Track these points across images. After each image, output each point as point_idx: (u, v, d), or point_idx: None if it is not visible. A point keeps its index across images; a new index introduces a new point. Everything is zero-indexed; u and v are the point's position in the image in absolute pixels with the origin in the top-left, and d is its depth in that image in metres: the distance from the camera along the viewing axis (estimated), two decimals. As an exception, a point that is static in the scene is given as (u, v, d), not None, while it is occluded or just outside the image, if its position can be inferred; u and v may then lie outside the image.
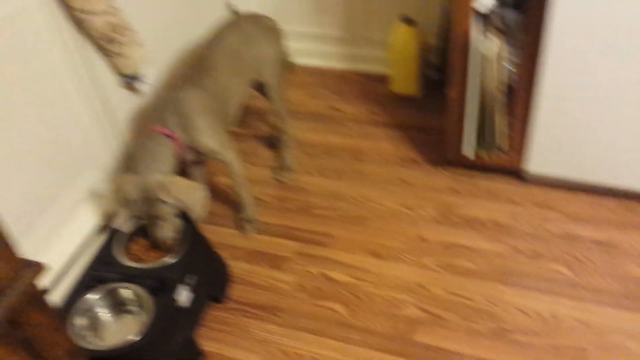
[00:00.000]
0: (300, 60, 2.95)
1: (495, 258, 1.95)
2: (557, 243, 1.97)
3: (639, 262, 1.89)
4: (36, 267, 1.04)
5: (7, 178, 1.53)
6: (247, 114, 2.67)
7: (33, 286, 1.04)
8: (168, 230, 1.68)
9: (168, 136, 1.68)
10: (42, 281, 1.07)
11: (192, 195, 1.67)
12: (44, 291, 1.09)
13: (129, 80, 1.92)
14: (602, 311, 1.76)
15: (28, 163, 1.60)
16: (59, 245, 1.71)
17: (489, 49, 1.85)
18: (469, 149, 2.12)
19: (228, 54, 1.92)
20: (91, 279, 1.64)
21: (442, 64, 2.60)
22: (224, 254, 1.99)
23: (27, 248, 1.62)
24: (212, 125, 1.80)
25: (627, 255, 1.91)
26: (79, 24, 1.67)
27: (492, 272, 1.90)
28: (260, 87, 2.13)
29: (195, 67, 1.86)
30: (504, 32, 1.87)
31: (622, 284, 1.83)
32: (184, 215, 1.81)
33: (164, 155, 1.67)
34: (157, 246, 1.69)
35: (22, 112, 1.56)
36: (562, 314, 1.77)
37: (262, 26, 2.05)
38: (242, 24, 2.02)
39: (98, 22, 1.67)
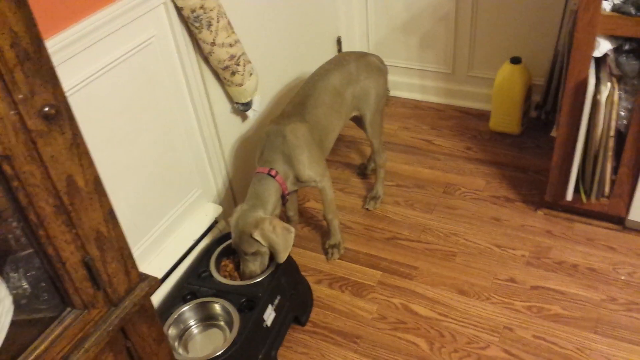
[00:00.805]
0: (400, 93, 3.00)
1: (588, 305, 1.86)
2: (658, 296, 1.86)
3: None
4: (151, 282, 1.13)
5: (122, 191, 1.69)
6: (340, 142, 2.75)
7: (146, 299, 1.13)
8: (254, 267, 1.77)
9: (272, 176, 1.81)
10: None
11: (282, 238, 1.76)
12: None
13: (241, 108, 2.05)
14: None
15: (142, 178, 1.75)
16: (160, 257, 1.84)
17: (602, 94, 1.80)
18: (570, 191, 2.05)
19: (330, 92, 2.00)
20: (184, 292, 1.75)
21: (546, 104, 2.55)
22: (308, 278, 2.05)
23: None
24: (313, 156, 1.89)
25: None
26: (205, 54, 1.82)
27: (584, 319, 1.82)
28: (358, 120, 2.20)
29: (299, 103, 1.96)
30: (619, 77, 1.82)
31: None
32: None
33: (268, 193, 1.79)
34: (243, 277, 1.79)
35: (144, 131, 1.72)
36: (659, 372, 1.66)
37: (365, 63, 2.11)
38: (345, 62, 2.10)
39: (222, 54, 1.82)
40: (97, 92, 1.53)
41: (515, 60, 2.46)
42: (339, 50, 2.78)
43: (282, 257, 1.76)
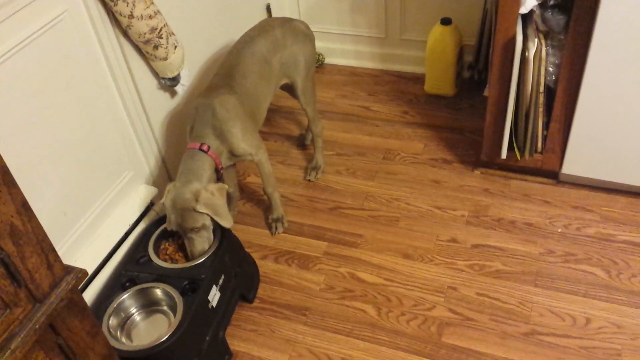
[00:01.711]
0: (333, 60, 2.96)
1: (527, 260, 1.91)
2: (592, 245, 1.93)
3: (679, 265, 1.83)
4: (78, 274, 1.07)
5: (47, 179, 1.59)
6: (277, 114, 2.69)
7: (74, 292, 1.07)
8: (202, 243, 1.71)
9: (204, 151, 1.74)
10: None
11: (222, 200, 1.71)
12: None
13: (168, 83, 1.96)
14: (636, 313, 1.72)
15: (67, 163, 1.65)
16: (94, 245, 1.76)
17: (530, 50, 1.82)
18: (504, 149, 2.08)
19: (257, 60, 1.94)
20: (123, 279, 1.68)
21: (479, 63, 2.57)
22: (253, 254, 2.01)
23: (63, 248, 1.67)
24: (246, 128, 1.83)
25: (666, 258, 1.85)
26: (123, 28, 1.72)
27: (524, 273, 1.87)
28: (290, 88, 2.15)
29: (226, 74, 1.89)
30: (546, 33, 1.83)
31: (660, 287, 1.78)
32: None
33: (201, 169, 1.72)
34: (194, 257, 1.72)
35: (63, 113, 1.61)
36: (595, 316, 1.73)
37: (291, 29, 2.06)
38: (270, 28, 2.03)
39: (142, 26, 1.71)
40: (8, 75, 1.42)
41: (446, 21, 2.46)
42: (269, 17, 2.70)
43: (228, 220, 1.72)
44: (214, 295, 1.68)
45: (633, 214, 2.00)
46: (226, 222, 1.72)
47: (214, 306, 1.68)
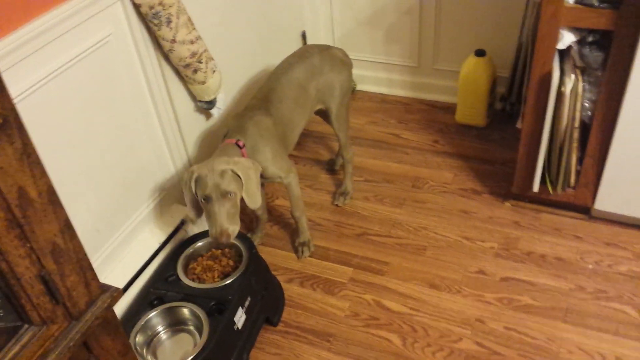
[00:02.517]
0: (365, 87, 2.99)
1: (557, 295, 1.88)
2: (623, 283, 1.89)
3: None
4: (113, 293, 1.09)
5: (83, 196, 1.63)
6: (308, 138, 2.72)
7: (109, 311, 1.09)
8: (228, 209, 1.65)
9: (240, 147, 1.79)
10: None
11: (255, 174, 1.72)
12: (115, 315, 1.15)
13: (205, 106, 2.00)
14: (672, 359, 1.67)
15: (103, 181, 1.70)
16: (124, 263, 1.79)
17: (566, 85, 1.81)
18: (537, 182, 2.07)
19: (294, 85, 1.98)
20: (151, 297, 1.70)
21: (511, 96, 2.57)
22: (279, 277, 2.02)
23: (95, 264, 1.71)
24: (276, 151, 1.86)
25: (702, 301, 1.81)
26: (165, 52, 1.77)
27: (554, 309, 1.84)
28: (324, 114, 2.18)
29: (263, 97, 1.93)
30: (583, 69, 1.83)
31: (695, 331, 1.73)
32: (242, 237, 1.86)
33: (236, 156, 1.74)
34: (219, 245, 1.71)
35: (102, 132, 1.66)
36: (625, 355, 1.69)
37: (329, 56, 2.09)
38: (308, 55, 2.07)
39: (183, 51, 1.76)
40: (52, 95, 1.47)
41: (480, 53, 2.47)
42: (304, 44, 2.75)
43: (255, 199, 1.72)
44: (240, 317, 1.69)
45: (667, 254, 1.96)
46: (253, 200, 1.72)
47: (240, 328, 1.69)
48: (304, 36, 2.73)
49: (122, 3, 1.64)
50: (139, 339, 1.63)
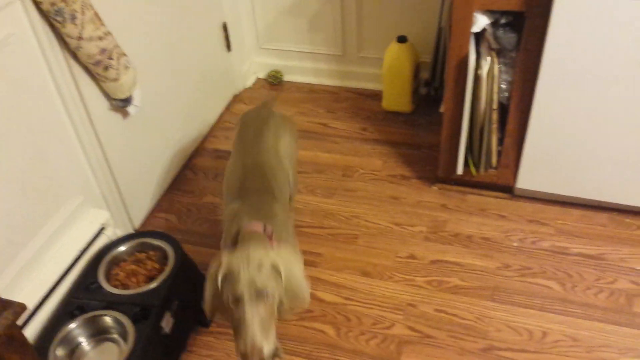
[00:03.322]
0: (291, 77, 2.96)
1: (485, 274, 1.92)
2: (547, 259, 1.95)
3: (630, 276, 1.86)
4: (17, 309, 1.02)
5: (-11, 206, 1.53)
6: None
7: (13, 327, 1.02)
8: (265, 330, 1.25)
9: (269, 237, 1.47)
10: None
11: (296, 271, 1.37)
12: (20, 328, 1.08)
13: (120, 104, 1.92)
14: (592, 326, 1.74)
15: (12, 188, 1.60)
16: (42, 272, 1.70)
17: (482, 68, 1.84)
18: (460, 165, 2.10)
19: (273, 155, 1.76)
20: (72, 307, 1.63)
21: (435, 80, 2.60)
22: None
23: (10, 276, 1.61)
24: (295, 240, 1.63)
25: (618, 270, 1.89)
26: (72, 50, 1.67)
27: (482, 288, 1.88)
28: None
29: (260, 175, 1.66)
30: (498, 51, 1.86)
31: (612, 299, 1.81)
32: (168, 238, 1.80)
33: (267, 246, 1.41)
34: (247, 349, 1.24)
35: (7, 137, 1.56)
36: (551, 329, 1.74)
37: (281, 116, 1.94)
38: (266, 117, 1.88)
39: (91, 48, 1.67)
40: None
41: (402, 39, 2.48)
42: (226, 36, 2.69)
43: (302, 298, 1.37)
44: (168, 322, 1.64)
45: (586, 227, 2.04)
46: (297, 301, 1.36)
47: (168, 333, 1.64)
48: (225, 28, 2.66)
49: (22, 2, 1.54)
50: (60, 352, 1.56)
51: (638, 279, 1.85)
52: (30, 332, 1.61)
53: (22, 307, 1.01)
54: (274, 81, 2.94)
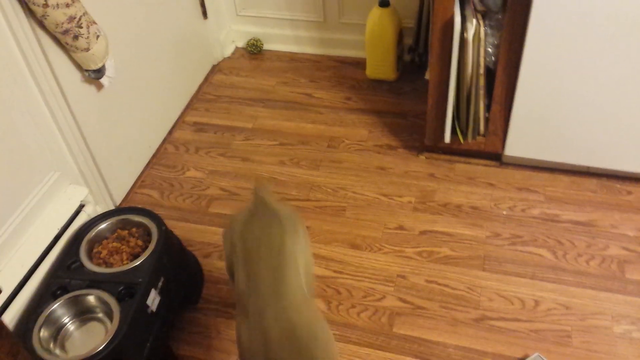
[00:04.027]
0: (272, 45, 2.87)
1: (475, 244, 1.90)
2: (537, 226, 1.93)
3: (620, 242, 1.86)
4: None
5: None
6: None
7: None
8: None
9: None
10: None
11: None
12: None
13: (93, 75, 1.83)
14: (584, 293, 1.73)
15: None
16: (20, 253, 1.63)
17: (468, 31, 1.79)
18: (447, 133, 2.06)
19: (305, 305, 1.28)
20: (54, 287, 1.56)
21: (419, 46, 2.54)
22: (196, 253, 1.92)
23: (-15, 257, 1.54)
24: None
25: (608, 236, 1.88)
26: (38, 18, 1.57)
27: (472, 258, 1.86)
28: None
29: (295, 351, 1.18)
30: (484, 13, 1.81)
31: (602, 264, 1.80)
32: (151, 214, 1.74)
33: None
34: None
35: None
36: (543, 298, 1.73)
37: (293, 224, 1.44)
38: (287, 236, 1.34)
39: (58, 16, 1.57)
40: None
41: (384, 4, 2.40)
42: (202, 3, 2.58)
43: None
44: (154, 299, 1.59)
45: (576, 193, 2.02)
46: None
47: (154, 311, 1.59)
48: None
49: (-20, -35, 1.44)
50: (44, 333, 1.49)
51: (629, 245, 1.85)
52: (11, 315, 1.54)
53: (-2, 292, 0.95)
54: (254, 50, 2.86)
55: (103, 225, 1.73)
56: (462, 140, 2.08)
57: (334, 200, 2.11)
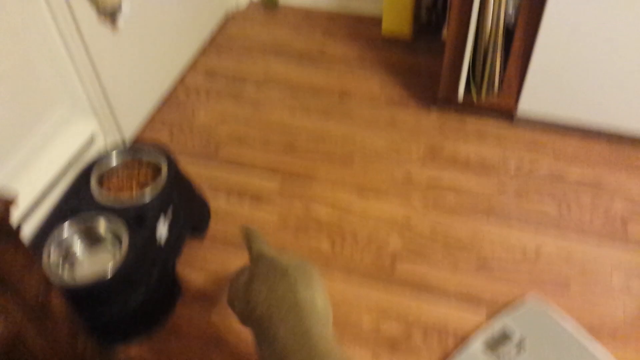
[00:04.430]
0: (288, 1, 2.86)
1: (481, 197, 1.91)
2: (544, 183, 1.94)
3: (624, 201, 1.87)
4: (6, 202, 0.99)
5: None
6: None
7: (3, 221, 0.99)
8: None
9: None
10: (14, 215, 1.02)
11: None
12: (18, 227, 1.04)
13: (109, 14, 1.83)
14: (585, 247, 1.75)
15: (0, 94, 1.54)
16: (32, 177, 1.66)
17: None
18: (461, 90, 2.06)
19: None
20: (66, 212, 1.59)
21: (437, 6, 2.52)
22: (204, 190, 1.95)
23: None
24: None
25: (613, 195, 1.89)
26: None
27: (477, 209, 1.87)
28: None
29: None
30: None
31: (606, 221, 1.81)
32: (161, 150, 1.76)
33: None
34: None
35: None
36: (545, 250, 1.75)
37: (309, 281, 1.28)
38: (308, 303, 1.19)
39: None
40: None
41: (405, -41, 2.39)
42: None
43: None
44: (162, 229, 1.62)
45: (585, 153, 2.02)
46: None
47: (162, 240, 1.62)
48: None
49: None
50: (54, 255, 1.53)
51: (634, 205, 1.85)
52: (25, 233, 1.58)
53: (9, 201, 0.98)
54: (270, 4, 2.84)
55: (114, 158, 1.75)
56: (475, 98, 2.07)
57: (343, 150, 2.12)
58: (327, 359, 1.07)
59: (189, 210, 1.76)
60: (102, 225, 1.58)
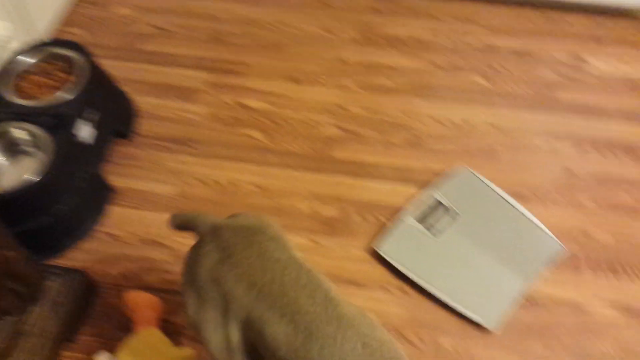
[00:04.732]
0: None
1: (413, 74, 1.90)
2: (475, 55, 1.93)
3: (553, 67, 1.88)
4: None
5: None
6: None
7: None
8: None
9: None
10: None
11: None
12: None
13: None
14: (514, 115, 1.78)
15: None
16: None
17: None
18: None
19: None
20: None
21: None
22: (128, 89, 1.86)
23: None
24: None
25: (542, 62, 1.90)
26: None
27: (410, 87, 1.86)
28: None
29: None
30: None
31: (535, 88, 1.84)
32: (77, 47, 1.66)
33: None
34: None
35: None
36: (475, 120, 1.77)
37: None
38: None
39: None
40: None
41: None
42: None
43: None
44: (83, 130, 1.56)
45: (516, 24, 2.01)
46: None
47: (84, 141, 1.56)
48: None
49: None
50: (-27, 168, 1.47)
51: (562, 69, 1.87)
52: None
53: None
54: None
55: (28, 59, 1.64)
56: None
57: (273, 35, 2.04)
58: (356, 326, 0.94)
59: (112, 109, 1.69)
60: (19, 132, 1.51)
